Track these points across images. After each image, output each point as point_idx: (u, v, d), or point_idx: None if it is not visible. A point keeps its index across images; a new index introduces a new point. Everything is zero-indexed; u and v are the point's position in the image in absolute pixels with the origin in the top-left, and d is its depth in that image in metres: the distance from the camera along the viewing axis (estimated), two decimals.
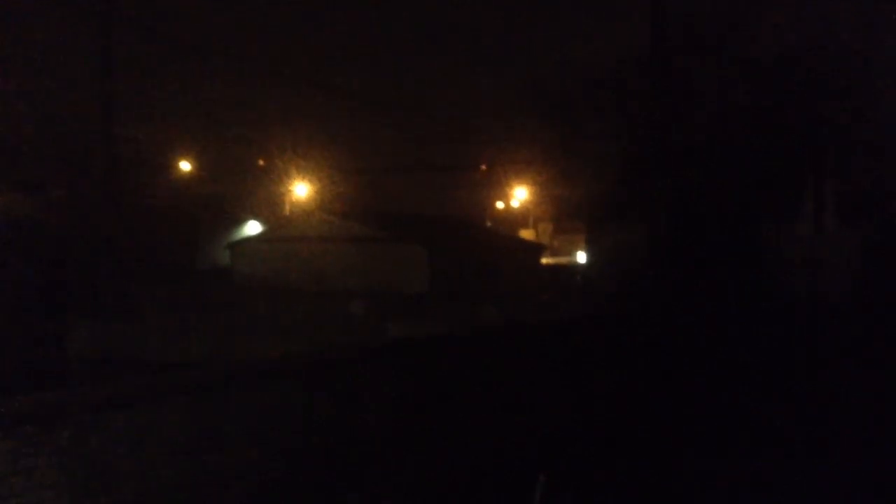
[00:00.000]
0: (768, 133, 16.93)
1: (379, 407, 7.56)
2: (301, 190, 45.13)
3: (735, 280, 15.70)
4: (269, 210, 42.09)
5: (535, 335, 10.94)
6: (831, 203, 18.47)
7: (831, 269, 16.96)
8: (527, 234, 52.13)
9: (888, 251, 17.54)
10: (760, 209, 17.92)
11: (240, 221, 39.48)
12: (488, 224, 50.27)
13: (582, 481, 6.89)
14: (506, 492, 6.77)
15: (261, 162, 43.35)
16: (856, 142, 17.89)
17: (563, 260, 48.81)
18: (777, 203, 18.22)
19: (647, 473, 7.21)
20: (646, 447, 7.97)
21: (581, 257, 47.46)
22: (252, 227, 39.47)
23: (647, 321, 13.69)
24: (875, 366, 11.28)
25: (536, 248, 41.39)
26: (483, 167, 45.63)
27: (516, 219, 55.53)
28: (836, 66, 17.04)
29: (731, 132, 17.05)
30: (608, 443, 8.14)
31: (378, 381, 7.71)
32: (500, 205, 56.57)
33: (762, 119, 16.98)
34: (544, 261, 42.56)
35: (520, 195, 55.10)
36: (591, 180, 21.30)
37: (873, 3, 16.79)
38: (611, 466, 7.33)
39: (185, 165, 41.05)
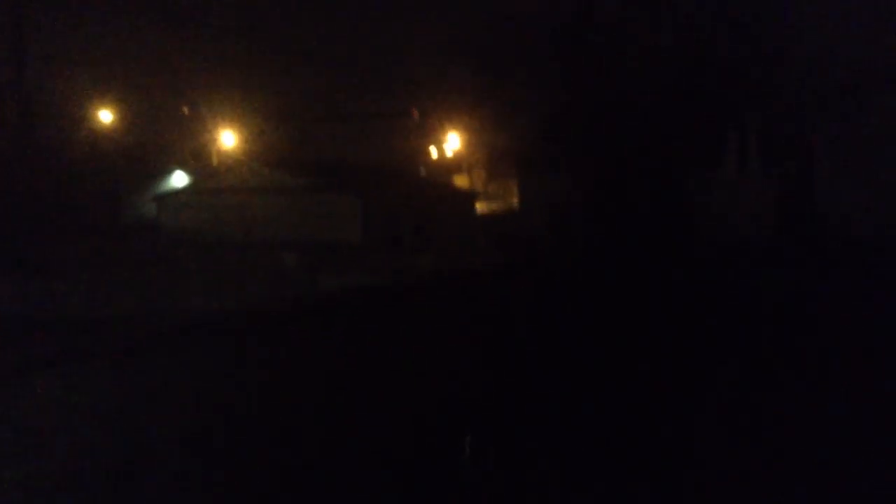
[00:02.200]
0: (689, 79, 17.22)
1: (308, 361, 7.56)
2: (228, 139, 44.00)
3: (660, 224, 16.09)
4: (196, 161, 40.97)
5: (468, 283, 11.05)
6: (753, 149, 19.00)
7: (750, 212, 17.54)
8: (461, 180, 52.13)
9: (806, 194, 18.19)
10: (686, 156, 18.32)
11: (165, 173, 38.35)
12: (422, 172, 50.08)
13: (507, 431, 7.05)
14: (436, 443, 6.89)
15: (185, 110, 41.98)
16: (776, 87, 18.35)
17: (497, 207, 49.13)
18: (703, 150, 18.65)
19: (573, 424, 7.41)
20: (573, 396, 8.18)
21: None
22: (178, 179, 38.41)
23: (577, 268, 13.96)
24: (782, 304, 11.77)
25: (471, 196, 41.47)
26: (415, 113, 45.19)
27: (450, 166, 55.43)
28: (756, 12, 17.34)
29: (656, 80, 17.28)
30: (534, 391, 8.32)
31: (308, 334, 7.70)
32: (433, 153, 56.38)
33: (682, 66, 17.24)
34: (479, 208, 42.74)
35: (453, 143, 54.94)
36: (521, 128, 21.41)
37: None
38: (535, 417, 7.52)
39: (105, 115, 39.47)
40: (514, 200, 41.51)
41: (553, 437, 6.84)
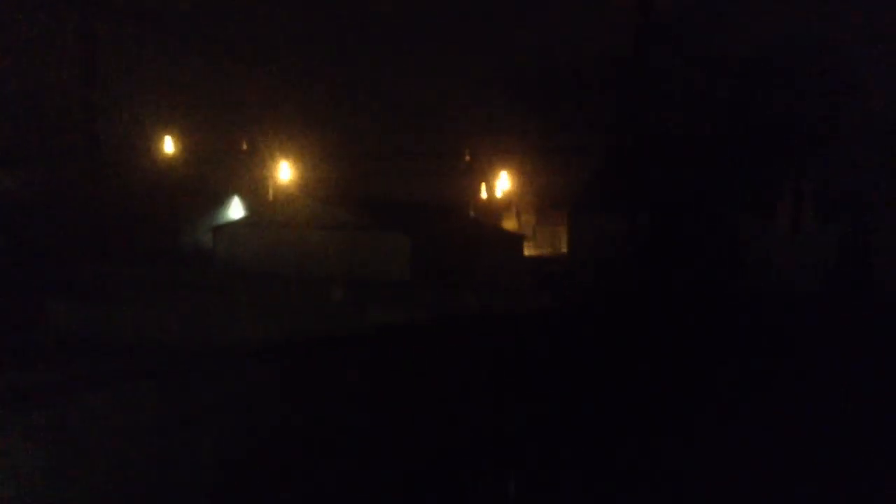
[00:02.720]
0: (747, 129, 17.12)
1: (355, 392, 7.64)
2: (285, 173, 44.95)
3: (712, 273, 15.90)
4: (252, 194, 41.90)
5: (515, 324, 11.05)
6: (809, 201, 18.72)
7: (805, 265, 17.21)
8: (510, 224, 52.20)
9: (863, 251, 17.81)
10: (741, 205, 18.12)
11: (223, 204, 39.28)
12: (471, 214, 50.33)
13: (553, 470, 7.01)
14: (481, 479, 6.87)
15: (244, 145, 43.10)
16: (834, 141, 18.12)
17: (545, 251, 49.02)
18: (756, 199, 18.44)
19: (626, 464, 7.33)
20: (623, 437, 8.10)
21: (562, 246, 47.77)
22: (235, 211, 39.30)
23: (625, 312, 13.84)
24: (843, 357, 11.50)
25: (518, 238, 41.48)
26: (467, 157, 45.62)
27: (499, 209, 55.56)
28: (814, 64, 17.23)
29: (710, 127, 17.21)
30: (583, 433, 8.26)
31: (355, 366, 7.79)
32: (483, 195, 56.63)
33: (741, 115, 17.16)
34: (527, 252, 42.68)
35: (503, 185, 55.15)
36: (573, 171, 21.44)
37: (854, 4, 16.99)
38: (584, 455, 7.46)
39: (168, 146, 40.73)
40: (562, 245, 41.39)
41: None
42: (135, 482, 5.72)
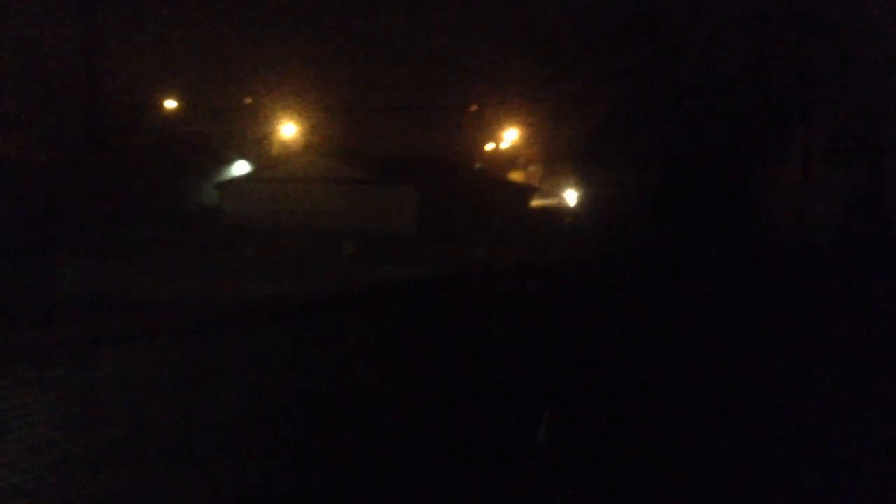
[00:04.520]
0: (756, 77, 16.82)
1: (370, 348, 7.65)
2: (289, 130, 44.64)
3: (722, 226, 15.78)
4: (257, 150, 41.69)
5: (528, 276, 11.03)
6: (819, 148, 18.48)
7: (817, 213, 17.05)
8: (517, 175, 51.95)
9: (875, 197, 17.63)
10: (749, 154, 17.89)
11: (228, 161, 39.13)
12: (478, 166, 50.05)
13: (580, 417, 7.04)
14: (510, 426, 6.90)
15: (248, 100, 42.74)
16: (844, 86, 17.80)
17: (552, 202, 48.83)
18: (765, 148, 18.21)
19: (638, 411, 7.36)
20: (635, 386, 8.13)
21: (570, 198, 47.55)
22: (240, 168, 39.15)
23: (636, 263, 13.80)
24: (850, 310, 11.46)
25: (526, 190, 41.33)
26: (473, 107, 45.16)
27: (506, 160, 55.24)
28: (822, 9, 16.84)
29: (719, 75, 16.93)
30: (602, 381, 8.29)
31: (368, 323, 7.78)
32: (490, 146, 56.23)
33: (750, 62, 16.85)
34: (534, 203, 42.53)
35: (510, 137, 54.72)
36: (581, 122, 21.20)
37: None
38: (606, 404, 7.50)
39: (170, 104, 40.42)
40: (570, 194, 41.15)
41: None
42: (150, 435, 5.78)
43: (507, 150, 55.77)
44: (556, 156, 47.60)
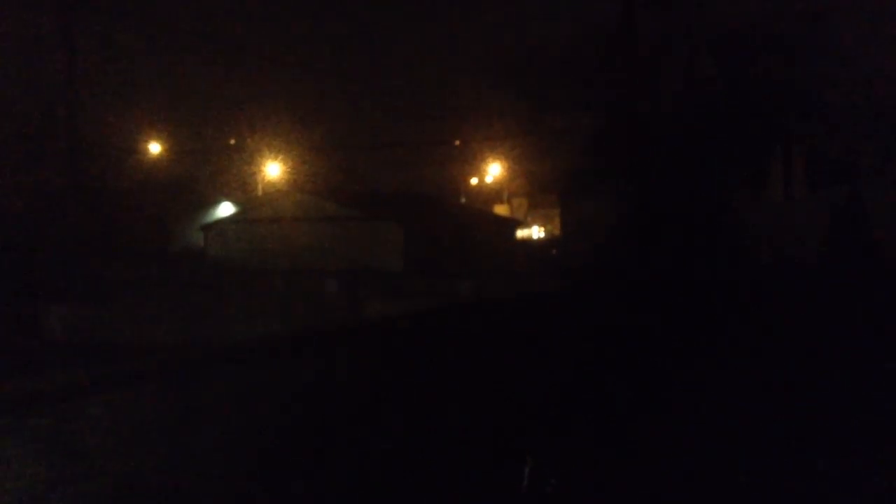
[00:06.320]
0: (736, 102, 17.07)
1: (356, 385, 7.59)
2: (273, 169, 44.75)
3: (705, 249, 15.87)
4: (242, 190, 41.74)
5: (511, 309, 11.02)
6: (800, 171, 18.71)
7: (799, 235, 17.20)
8: (501, 209, 52.19)
9: (855, 218, 17.80)
10: (730, 178, 18.09)
11: (212, 203, 39.11)
12: (463, 200, 50.28)
13: (567, 458, 6.97)
14: (493, 469, 6.83)
15: (231, 141, 42.91)
16: (823, 109, 18.08)
17: (536, 234, 49.07)
18: (746, 171, 18.41)
19: (630, 446, 7.30)
20: (624, 420, 8.07)
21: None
22: (225, 209, 39.12)
23: (620, 292, 13.82)
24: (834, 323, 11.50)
25: (511, 224, 41.49)
26: (457, 142, 45.53)
27: (491, 194, 55.55)
28: (800, 33, 17.17)
29: (698, 103, 17.17)
30: (589, 417, 8.23)
31: (355, 359, 7.73)
32: (474, 181, 56.55)
33: (729, 88, 17.11)
34: (519, 235, 42.69)
35: (494, 171, 55.10)
36: (562, 154, 21.39)
37: None
38: (593, 441, 7.44)
39: (154, 147, 40.47)
40: (555, 227, 41.42)
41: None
42: (140, 484, 5.67)
43: (491, 184, 56.12)
44: (540, 189, 47.94)
